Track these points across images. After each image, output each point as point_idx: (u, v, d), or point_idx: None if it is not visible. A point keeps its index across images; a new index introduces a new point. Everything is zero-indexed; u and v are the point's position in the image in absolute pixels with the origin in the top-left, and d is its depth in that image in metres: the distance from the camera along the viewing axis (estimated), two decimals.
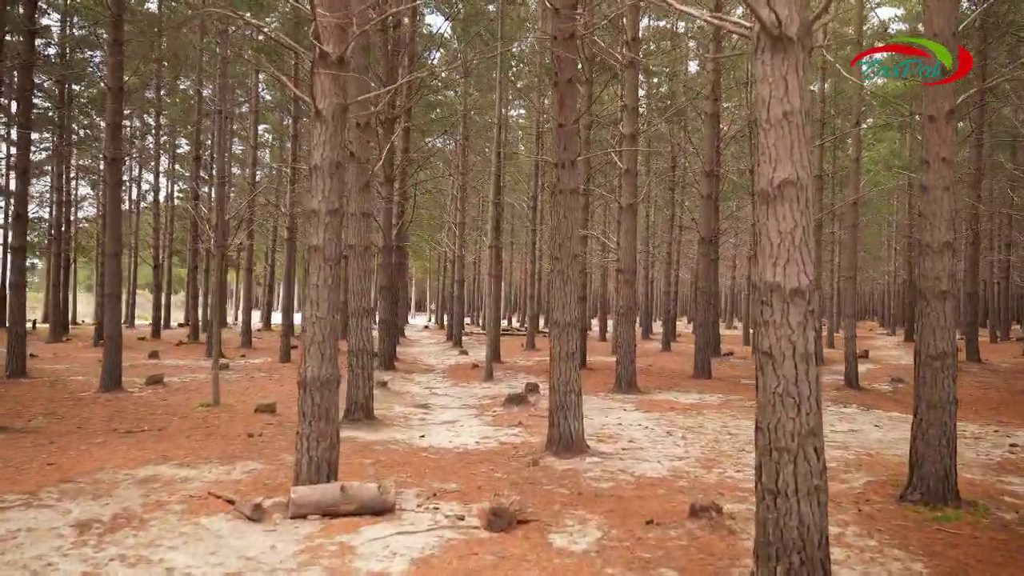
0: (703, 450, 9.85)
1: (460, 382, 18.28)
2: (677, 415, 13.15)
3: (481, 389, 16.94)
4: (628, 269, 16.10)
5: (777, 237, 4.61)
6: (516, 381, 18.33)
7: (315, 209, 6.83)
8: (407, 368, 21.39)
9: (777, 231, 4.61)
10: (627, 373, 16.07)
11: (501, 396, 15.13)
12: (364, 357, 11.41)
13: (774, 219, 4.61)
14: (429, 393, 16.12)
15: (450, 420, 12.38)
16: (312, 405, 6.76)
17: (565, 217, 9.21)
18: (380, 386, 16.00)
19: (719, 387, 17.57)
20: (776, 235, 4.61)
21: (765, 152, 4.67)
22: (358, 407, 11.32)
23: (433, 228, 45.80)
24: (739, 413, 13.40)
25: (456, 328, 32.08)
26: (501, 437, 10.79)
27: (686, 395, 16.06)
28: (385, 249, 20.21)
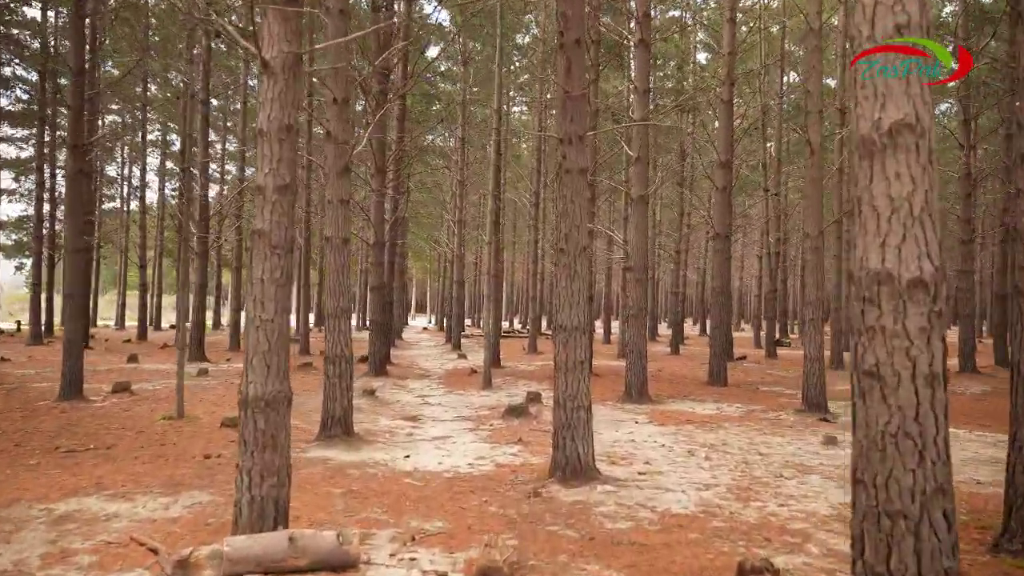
0: (733, 475, 8.43)
1: (456, 389, 16.87)
2: (696, 429, 11.73)
3: (478, 398, 15.54)
4: (639, 267, 14.70)
5: (887, 205, 3.19)
6: (516, 388, 16.92)
7: (260, 185, 5.44)
8: (400, 373, 19.99)
9: (886, 196, 3.19)
10: (638, 381, 14.66)
11: (500, 406, 13.73)
12: (342, 364, 10.01)
13: (881, 179, 3.20)
14: (421, 402, 14.72)
15: (441, 436, 10.97)
16: (255, 431, 5.36)
17: (572, 202, 7.81)
18: (367, 395, 14.61)
19: (737, 395, 16.15)
20: (885, 202, 3.20)
21: (868, 85, 3.26)
22: (335, 422, 9.92)
23: (432, 227, 44.41)
24: (764, 427, 11.98)
25: (455, 330, 30.68)
26: (498, 457, 9.39)
27: (702, 405, 14.65)
28: (376, 246, 18.82)
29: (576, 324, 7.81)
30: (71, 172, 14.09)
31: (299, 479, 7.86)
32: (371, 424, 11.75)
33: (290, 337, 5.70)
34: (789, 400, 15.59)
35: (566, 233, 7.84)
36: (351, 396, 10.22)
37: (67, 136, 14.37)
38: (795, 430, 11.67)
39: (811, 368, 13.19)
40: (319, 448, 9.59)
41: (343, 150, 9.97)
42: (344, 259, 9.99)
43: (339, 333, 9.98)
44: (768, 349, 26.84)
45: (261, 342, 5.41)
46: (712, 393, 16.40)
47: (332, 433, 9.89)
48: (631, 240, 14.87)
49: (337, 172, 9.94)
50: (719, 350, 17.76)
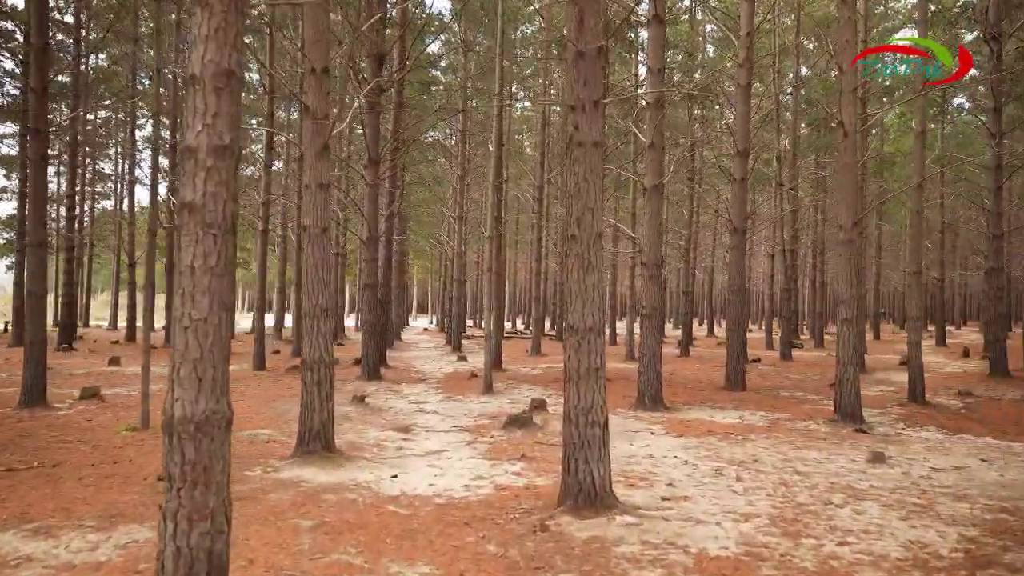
0: (773, 501, 7.21)
1: (454, 395, 15.67)
2: (720, 442, 10.51)
3: (478, 404, 14.34)
4: (652, 263, 13.49)
5: None
6: (519, 394, 15.71)
7: (191, 146, 4.24)
8: (396, 377, 18.79)
9: None
10: (652, 387, 13.45)
11: (501, 414, 12.53)
12: (321, 371, 8.81)
13: None
14: (416, 409, 13.52)
15: (435, 450, 9.76)
16: (182, 463, 4.16)
17: (585, 180, 6.60)
18: (356, 402, 13.41)
19: (758, 402, 14.93)
20: None
21: None
22: (313, 436, 8.72)
23: (433, 225, 43.24)
24: (796, 440, 10.75)
25: (455, 331, 29.48)
26: (498, 477, 8.18)
27: (722, 413, 13.43)
28: (369, 241, 17.62)
29: (590, 324, 6.60)
30: (34, 158, 12.90)
31: (263, 509, 6.67)
32: (357, 436, 10.54)
33: (229, 342, 4.49)
34: (815, 407, 14.36)
35: (578, 217, 6.63)
36: (332, 406, 9.01)
37: (30, 120, 13.18)
38: (831, 443, 10.45)
39: (845, 374, 11.96)
40: (293, 467, 8.39)
41: (322, 127, 8.77)
42: (324, 251, 8.80)
43: (318, 335, 8.77)
44: (783, 351, 25.59)
45: (191, 347, 4.20)
46: (731, 399, 15.18)
47: (310, 449, 8.69)
48: (644, 234, 13.66)
49: (316, 152, 8.75)
50: (736, 353, 16.54)
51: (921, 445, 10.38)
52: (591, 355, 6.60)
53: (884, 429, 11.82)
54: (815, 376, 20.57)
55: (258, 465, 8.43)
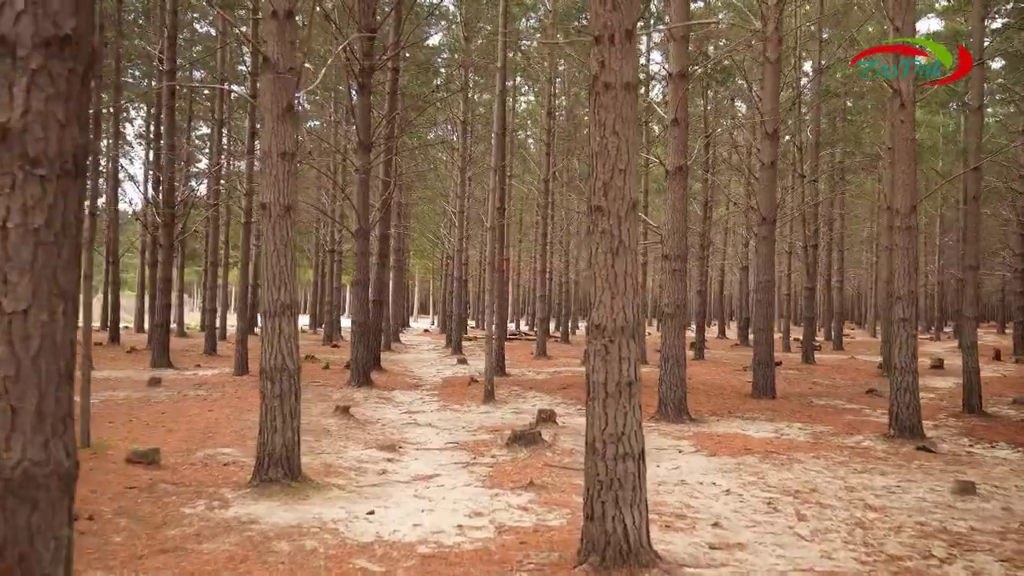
0: (856, 551, 5.60)
1: (452, 403, 14.07)
2: (761, 463, 8.90)
3: (478, 415, 12.74)
4: (677, 255, 11.88)
5: None
6: (524, 403, 14.11)
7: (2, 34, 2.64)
8: (389, 383, 17.19)
9: None
10: (676, 395, 11.85)
11: (504, 428, 10.93)
12: (283, 381, 7.21)
13: None
14: (407, 421, 11.91)
15: (425, 474, 8.16)
16: None
17: (615, 133, 5.00)
18: (339, 413, 11.81)
19: (792, 412, 13.31)
20: None
21: None
22: (274, 461, 7.12)
23: (435, 222, 41.66)
24: (852, 459, 9.14)
25: (455, 332, 27.87)
26: (500, 513, 6.58)
27: (755, 426, 11.82)
28: (359, 234, 16.02)
29: (621, 323, 4.99)
30: None
31: (194, 564, 5.08)
32: (334, 456, 8.94)
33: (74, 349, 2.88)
34: (858, 418, 12.74)
35: (604, 182, 5.02)
36: (298, 424, 7.40)
37: None
38: (894, 465, 8.83)
39: (903, 381, 10.32)
40: (247, 500, 6.79)
41: (286, 83, 7.17)
42: (287, 234, 7.20)
43: (280, 337, 7.18)
44: (804, 354, 23.95)
45: (4, 360, 2.60)
46: (761, 409, 13.56)
47: (269, 477, 7.09)
48: (668, 222, 12.05)
49: (278, 113, 7.15)
50: (765, 357, 14.92)
51: (1005, 468, 8.75)
52: (623, 364, 4.99)
53: (948, 446, 10.18)
54: (845, 381, 18.94)
55: (204, 498, 6.83)
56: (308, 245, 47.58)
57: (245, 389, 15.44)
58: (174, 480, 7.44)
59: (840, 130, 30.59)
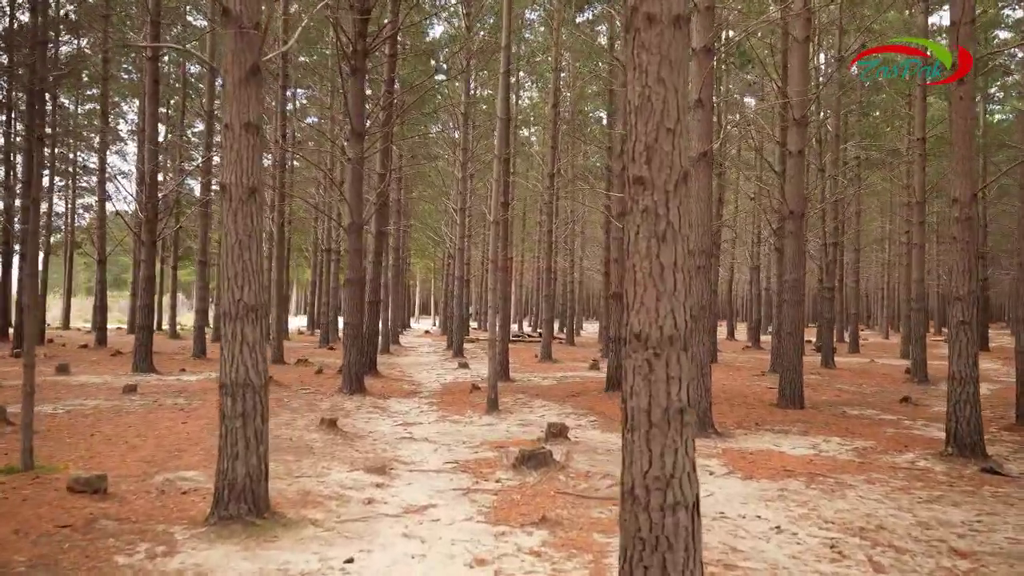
0: None
1: (452, 413, 12.87)
2: (807, 488, 7.70)
3: (481, 427, 11.54)
4: (701, 250, 10.67)
5: None
6: (531, 413, 12.90)
7: None
8: (384, 390, 16.00)
9: None
10: (700, 407, 10.64)
11: (510, 444, 9.74)
12: (247, 399, 6.01)
13: None
14: (402, 435, 10.72)
15: (419, 505, 6.96)
16: None
17: (660, 81, 3.81)
18: (325, 427, 10.61)
19: (826, 424, 12.09)
20: None
21: None
22: (236, 494, 5.93)
23: (435, 220, 40.45)
24: (911, 484, 7.94)
25: (456, 334, 26.68)
26: (508, 563, 5.38)
27: (788, 440, 10.61)
28: (352, 229, 14.83)
29: (670, 332, 3.79)
30: None
31: None
32: (315, 481, 7.74)
33: None
34: (900, 431, 11.53)
35: (647, 145, 3.82)
36: (265, 449, 6.19)
37: None
38: (964, 493, 7.62)
39: (962, 394, 9.09)
40: (199, 544, 5.59)
41: (250, 41, 5.98)
42: (252, 222, 6.01)
43: (242, 346, 5.98)
44: (824, 358, 22.72)
45: None
46: (791, 420, 12.34)
47: (229, 513, 5.89)
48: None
49: (240, 76, 5.97)
50: (793, 363, 13.69)
51: None
52: (672, 385, 3.78)
53: (1016, 466, 8.97)
54: (872, 388, 17.72)
55: (148, 540, 5.64)
56: (306, 244, 46.47)
57: None
58: (119, 515, 6.25)
59: (854, 125, 29.40)
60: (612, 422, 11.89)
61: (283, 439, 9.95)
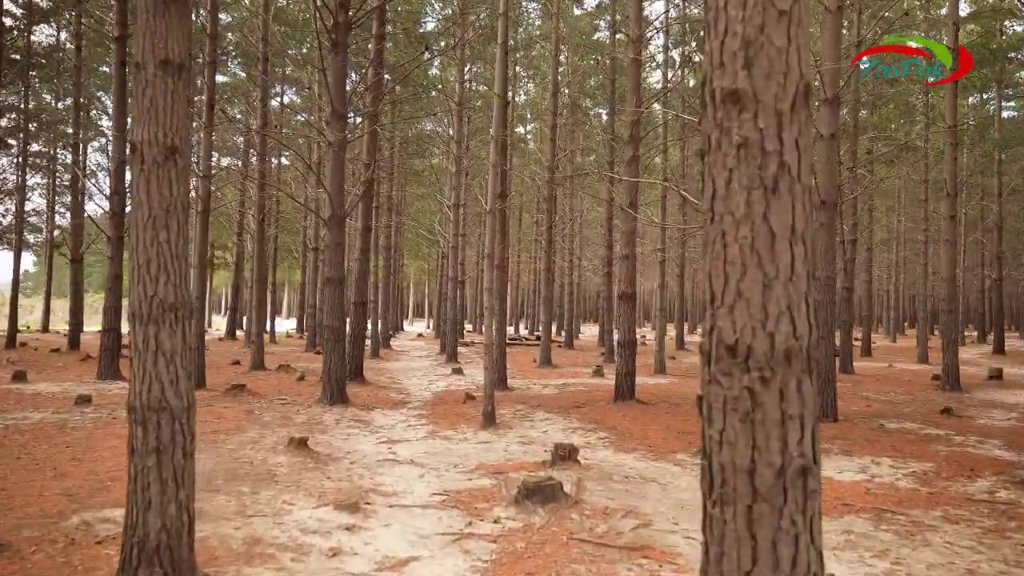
0: None
1: (443, 429, 11.39)
2: (877, 529, 6.25)
3: (476, 446, 10.05)
4: None
5: None
6: (533, 429, 11.42)
7: None
8: (370, 398, 14.52)
9: None
10: None
11: (509, 470, 8.28)
12: (163, 425, 4.51)
13: None
14: (384, 456, 9.23)
15: (396, 559, 5.47)
16: None
17: None
18: (294, 447, 9.11)
19: (865, 440, 10.64)
20: None
21: None
22: (148, 555, 4.44)
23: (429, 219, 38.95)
24: (1000, 521, 6.50)
25: (450, 338, 25.19)
26: None
27: (832, 461, 9.15)
28: (333, 221, 13.35)
29: (785, 343, 2.32)
30: None
31: None
32: (269, 524, 6.24)
33: None
34: (953, 449, 10.08)
35: (747, 40, 2.37)
36: (188, 494, 4.68)
37: None
38: None
39: None
40: None
41: None
42: (172, 192, 4.52)
43: (158, 357, 4.48)
44: (843, 363, 21.29)
45: None
46: (827, 436, 10.88)
47: None
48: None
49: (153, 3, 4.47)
50: (825, 370, 12.24)
51: None
52: (789, 431, 2.32)
53: None
54: (902, 396, 16.28)
55: None
56: (296, 244, 44.87)
57: None
58: None
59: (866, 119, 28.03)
60: (625, 439, 10.42)
61: (243, 463, 8.46)
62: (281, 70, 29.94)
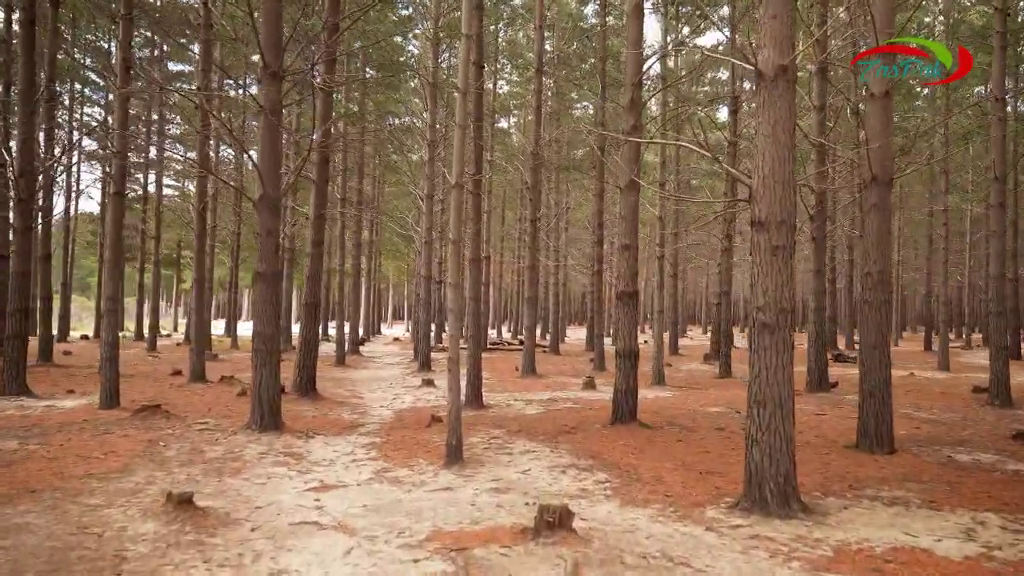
0: None
1: (395, 465, 8.82)
2: None
3: (432, 496, 7.48)
4: (780, 221, 6.74)
5: None
6: (511, 466, 8.85)
7: None
8: (315, 420, 11.93)
9: None
10: (779, 469, 6.76)
11: (471, 545, 5.74)
12: None
13: None
14: (305, 514, 6.65)
15: None
16: None
17: None
18: (175, 507, 6.50)
19: (945, 482, 8.18)
20: None
21: None
22: None
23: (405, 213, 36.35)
24: None
25: (423, 344, 22.60)
26: None
27: (917, 520, 6.68)
28: (264, 204, 10.74)
29: None
30: None
31: None
32: None
33: None
34: None
35: None
36: None
37: None
38: None
39: None
40: None
41: None
42: None
43: None
44: None
45: None
46: (893, 477, 8.41)
47: None
48: (761, 164, 6.90)
49: None
50: (880, 387, 9.78)
51: None
52: None
53: None
54: (946, 414, 13.87)
55: None
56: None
57: (87, 436, 10.14)
58: None
59: None
60: (633, 484, 7.90)
61: (89, 535, 5.88)
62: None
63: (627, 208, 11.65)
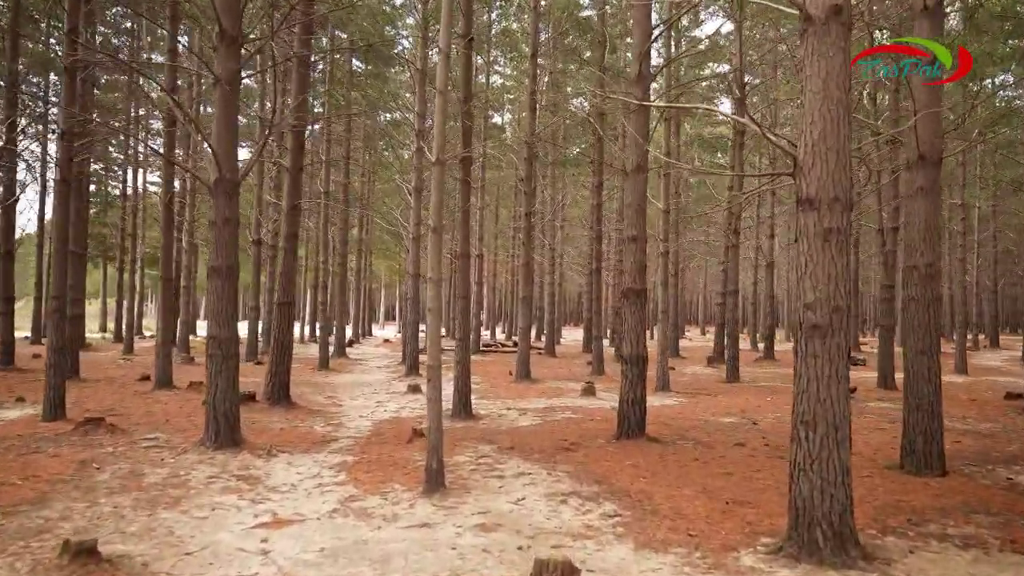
0: None
1: (366, 492, 7.47)
2: None
3: (405, 535, 6.12)
4: (833, 198, 5.43)
5: None
6: (501, 493, 7.48)
7: None
8: (281, 434, 10.57)
9: None
10: (834, 505, 5.45)
11: None
12: None
13: None
14: (246, 564, 5.30)
15: None
16: None
17: None
18: (72, 560, 5.13)
19: (1016, 514, 6.87)
20: None
21: None
22: None
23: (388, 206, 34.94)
24: None
25: (411, 346, 21.26)
26: None
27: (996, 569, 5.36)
28: (220, 188, 9.38)
29: None
30: None
31: None
32: None
33: None
34: None
35: None
36: None
37: None
38: None
39: None
40: None
41: None
42: None
43: None
44: (883, 378, 17.61)
45: None
46: (953, 507, 7.10)
47: None
48: (809, 127, 5.58)
49: None
50: (929, 400, 8.45)
51: None
52: None
53: None
54: (979, 421, 12.61)
55: None
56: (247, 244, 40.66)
57: (12, 456, 8.77)
58: None
59: None
60: (648, 518, 6.56)
61: None
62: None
63: (635, 194, 10.33)
